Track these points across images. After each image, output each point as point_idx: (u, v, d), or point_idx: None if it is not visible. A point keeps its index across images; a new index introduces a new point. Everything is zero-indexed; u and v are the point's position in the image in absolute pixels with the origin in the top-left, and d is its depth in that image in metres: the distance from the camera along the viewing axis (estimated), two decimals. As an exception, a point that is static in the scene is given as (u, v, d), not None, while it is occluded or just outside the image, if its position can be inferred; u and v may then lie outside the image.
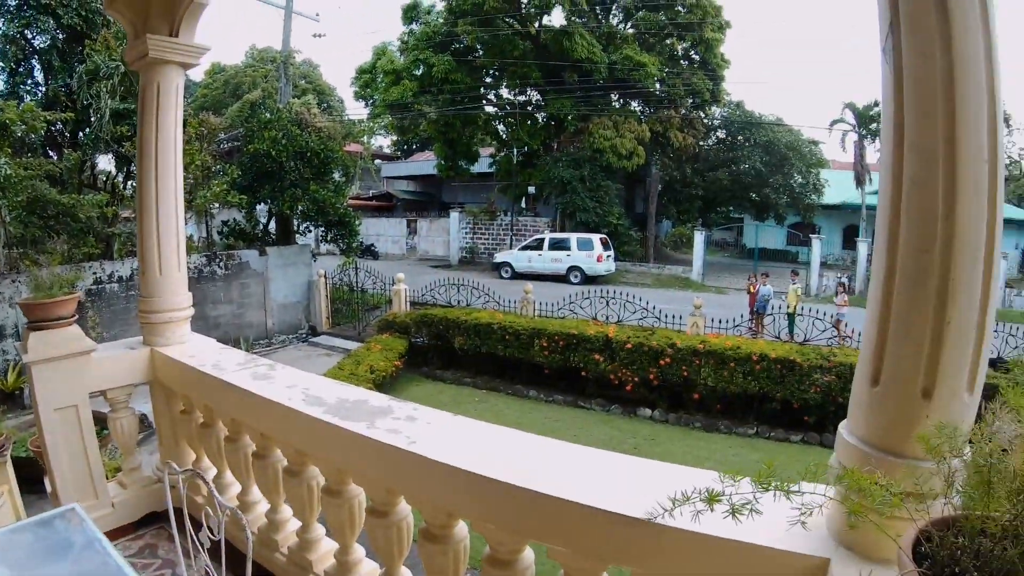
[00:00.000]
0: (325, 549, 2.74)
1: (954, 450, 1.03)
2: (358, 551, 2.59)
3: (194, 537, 2.00)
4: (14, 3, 13.23)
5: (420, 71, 31.04)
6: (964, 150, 1.18)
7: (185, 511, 2.22)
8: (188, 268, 3.89)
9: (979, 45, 1.18)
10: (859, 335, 13.20)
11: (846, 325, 15.50)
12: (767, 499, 1.25)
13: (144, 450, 7.89)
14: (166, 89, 3.30)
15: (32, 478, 4.70)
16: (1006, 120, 36.53)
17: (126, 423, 3.50)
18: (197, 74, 43.89)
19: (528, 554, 1.95)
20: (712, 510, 1.23)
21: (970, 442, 1.08)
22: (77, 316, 3.27)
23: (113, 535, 3.28)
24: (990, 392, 1.16)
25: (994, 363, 10.02)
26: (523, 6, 28.79)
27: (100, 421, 3.67)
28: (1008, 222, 31.33)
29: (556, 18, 30.01)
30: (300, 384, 2.67)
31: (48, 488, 3.31)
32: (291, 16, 23.03)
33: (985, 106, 1.18)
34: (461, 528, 2.08)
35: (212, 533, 1.89)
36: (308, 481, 2.61)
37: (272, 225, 20.04)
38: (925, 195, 1.21)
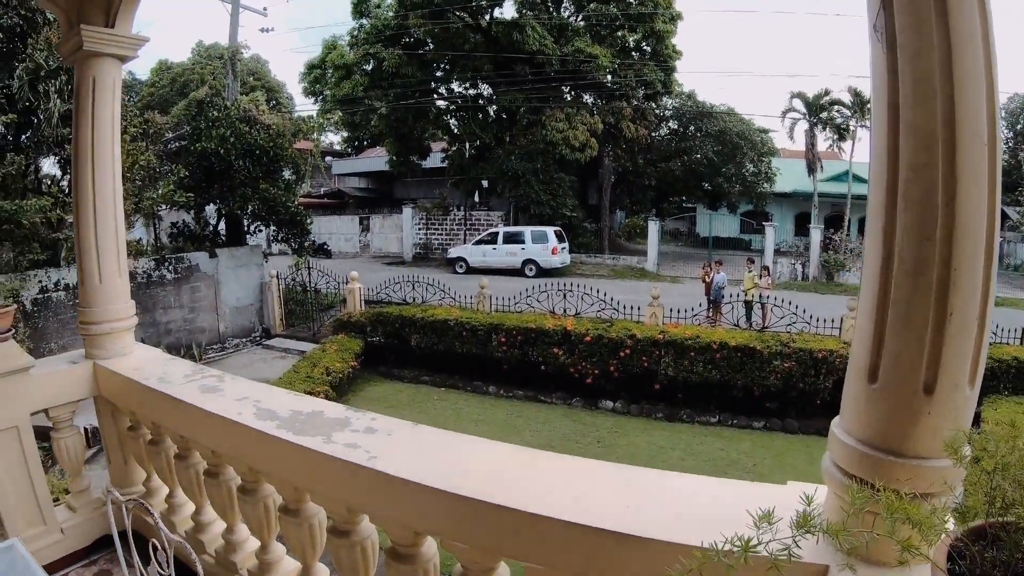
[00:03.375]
0: (284, 571, 2.59)
1: (975, 450, 0.95)
2: (321, 571, 2.46)
3: (142, 570, 1.85)
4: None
5: (370, 65, 30.68)
6: (964, 133, 1.11)
7: (131, 539, 2.06)
8: (136, 273, 3.65)
9: (975, 21, 1.11)
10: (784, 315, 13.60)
11: (771, 308, 15.57)
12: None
13: (98, 464, 7.59)
14: (102, 83, 3.07)
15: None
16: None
17: (70, 443, 3.25)
18: (143, 71, 42.78)
19: (503, 570, 1.84)
20: (747, 562, 1.12)
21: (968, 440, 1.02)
22: (13, 331, 3.06)
23: (64, 562, 3.09)
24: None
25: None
26: (474, -1, 28.59)
27: (45, 436, 3.45)
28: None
29: (507, 11, 29.98)
30: (251, 396, 2.50)
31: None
32: (238, 10, 22.48)
33: (984, 85, 1.12)
34: (430, 546, 1.96)
35: (161, 567, 1.75)
36: (264, 500, 2.45)
37: (222, 226, 19.58)
38: (925, 180, 1.14)
